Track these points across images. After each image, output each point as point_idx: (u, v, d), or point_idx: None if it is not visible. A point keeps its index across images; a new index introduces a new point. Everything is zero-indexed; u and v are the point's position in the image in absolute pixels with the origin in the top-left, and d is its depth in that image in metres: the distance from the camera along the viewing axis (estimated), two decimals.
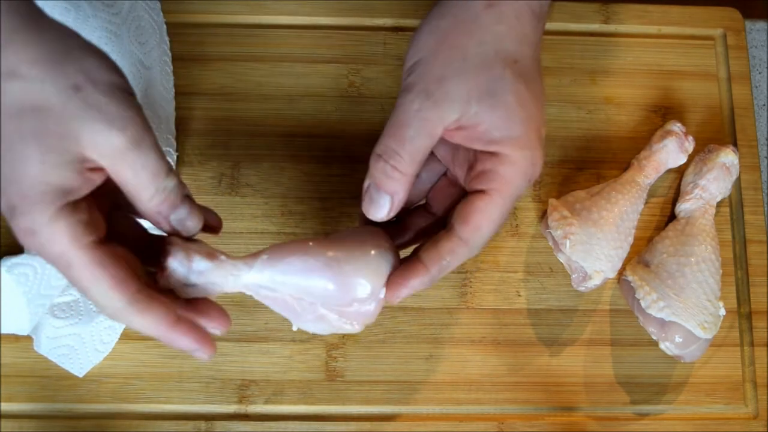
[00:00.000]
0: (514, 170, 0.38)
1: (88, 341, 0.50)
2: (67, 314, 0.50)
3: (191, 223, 0.38)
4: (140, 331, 0.36)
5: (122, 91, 0.35)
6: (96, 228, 0.35)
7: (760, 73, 0.60)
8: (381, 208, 0.40)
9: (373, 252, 0.41)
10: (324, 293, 0.41)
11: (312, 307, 0.42)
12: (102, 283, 0.34)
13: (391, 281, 0.41)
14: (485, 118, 0.38)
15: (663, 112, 0.57)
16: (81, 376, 0.50)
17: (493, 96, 0.37)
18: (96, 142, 0.34)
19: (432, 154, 0.43)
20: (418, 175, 0.43)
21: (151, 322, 0.36)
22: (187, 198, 0.38)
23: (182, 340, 0.37)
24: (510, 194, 0.39)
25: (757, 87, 0.60)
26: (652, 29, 0.58)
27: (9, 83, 0.33)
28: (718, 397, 0.52)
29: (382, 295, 0.42)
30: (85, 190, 0.35)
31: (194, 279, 0.38)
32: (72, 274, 0.34)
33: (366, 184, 0.40)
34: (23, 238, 0.34)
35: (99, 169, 0.35)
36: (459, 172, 0.42)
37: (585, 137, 0.56)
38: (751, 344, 0.53)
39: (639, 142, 0.55)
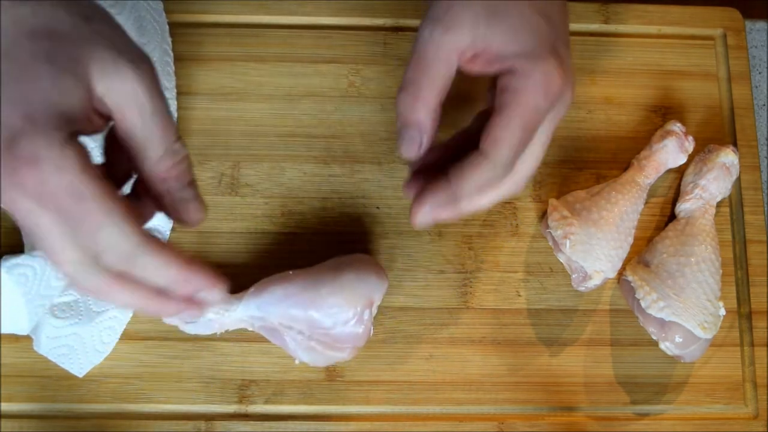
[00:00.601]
0: (529, 83, 0.38)
1: (88, 341, 0.50)
2: (67, 314, 0.50)
3: (194, 206, 0.37)
4: (152, 278, 0.33)
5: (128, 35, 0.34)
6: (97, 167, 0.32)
7: (760, 73, 0.60)
8: (412, 142, 0.40)
9: (350, 275, 0.44)
10: (306, 318, 0.44)
11: (301, 337, 0.45)
12: (115, 216, 0.31)
13: (415, 200, 0.40)
14: (496, 38, 0.39)
15: (663, 112, 0.57)
16: (81, 376, 0.50)
17: (497, 15, 0.39)
18: (105, 71, 0.32)
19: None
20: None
21: (166, 260, 0.33)
22: (195, 183, 0.37)
23: (198, 279, 0.35)
24: (526, 106, 0.39)
25: (757, 87, 0.60)
26: (652, 29, 0.58)
27: (19, 7, 0.32)
28: (718, 397, 0.52)
29: (366, 318, 0.44)
30: (88, 130, 0.33)
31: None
32: (82, 207, 0.31)
33: (398, 125, 0.41)
34: (19, 172, 0.30)
35: (104, 117, 0.33)
36: None
37: (585, 137, 0.56)
38: (751, 344, 0.53)
39: (639, 142, 0.55)
